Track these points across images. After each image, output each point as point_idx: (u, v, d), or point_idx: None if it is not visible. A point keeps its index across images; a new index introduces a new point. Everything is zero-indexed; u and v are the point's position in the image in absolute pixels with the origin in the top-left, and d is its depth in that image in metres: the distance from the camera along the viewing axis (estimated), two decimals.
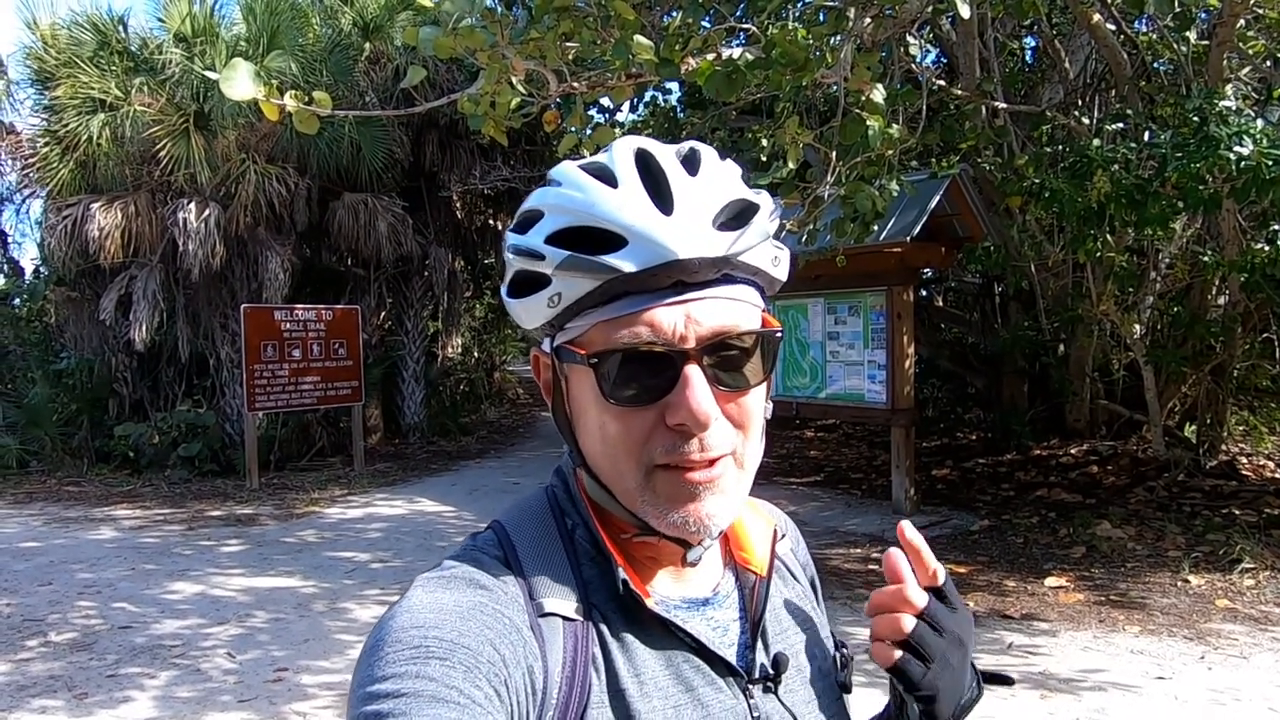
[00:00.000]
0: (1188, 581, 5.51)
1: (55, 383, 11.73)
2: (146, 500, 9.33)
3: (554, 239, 0.70)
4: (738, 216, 0.71)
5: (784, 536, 0.91)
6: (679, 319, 0.68)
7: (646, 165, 0.71)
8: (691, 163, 0.73)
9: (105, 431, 11.18)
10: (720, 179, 0.72)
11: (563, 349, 0.72)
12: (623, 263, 0.67)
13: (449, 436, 13.36)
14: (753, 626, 0.79)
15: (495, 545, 0.75)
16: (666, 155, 0.72)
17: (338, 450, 11.77)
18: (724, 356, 0.70)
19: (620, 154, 0.73)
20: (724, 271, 0.69)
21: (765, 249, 0.72)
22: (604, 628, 0.71)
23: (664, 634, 0.73)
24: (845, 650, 0.87)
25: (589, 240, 0.68)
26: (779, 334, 0.74)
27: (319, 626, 5.18)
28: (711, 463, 0.70)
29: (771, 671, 0.77)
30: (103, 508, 8.92)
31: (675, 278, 0.67)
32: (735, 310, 0.70)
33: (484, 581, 0.69)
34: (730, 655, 0.76)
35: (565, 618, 0.69)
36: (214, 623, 5.27)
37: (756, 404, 0.73)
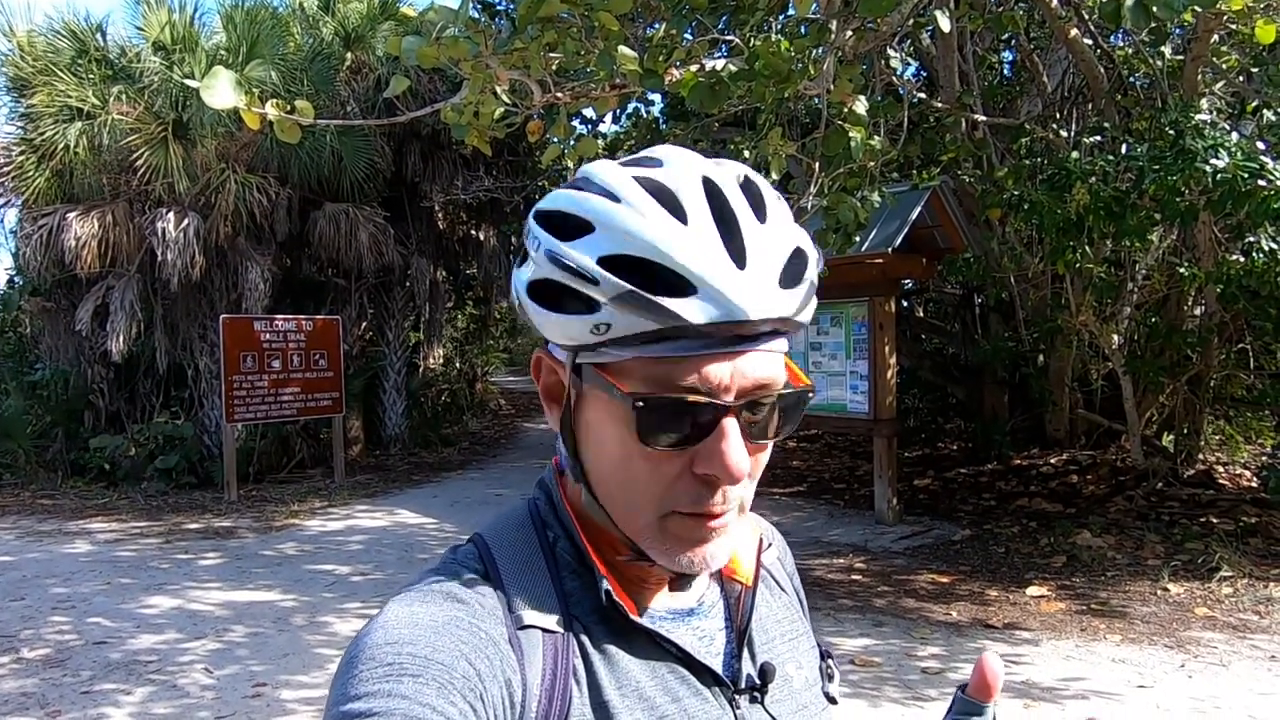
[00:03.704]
0: (1167, 590, 5.55)
1: (30, 394, 11.54)
2: (122, 513, 9.20)
3: (609, 263, 0.64)
4: (797, 272, 0.69)
5: (770, 546, 0.90)
6: (728, 372, 0.66)
7: (717, 202, 0.67)
8: (759, 205, 0.69)
9: (81, 444, 11.01)
10: (785, 225, 0.70)
11: (589, 371, 0.68)
12: (690, 313, 0.63)
13: (430, 448, 13.27)
14: (739, 636, 0.78)
15: (475, 558, 0.73)
16: (733, 190, 0.69)
17: (318, 462, 11.65)
18: (757, 411, 0.69)
19: (686, 181, 0.68)
20: (776, 328, 0.68)
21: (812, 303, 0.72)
22: (586, 640, 0.70)
23: (649, 645, 0.72)
24: (831, 661, 0.86)
25: (648, 274, 0.64)
26: (811, 394, 0.72)
27: (298, 641, 5.11)
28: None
29: (758, 681, 0.76)
30: (78, 521, 8.78)
31: (735, 332, 0.65)
32: (775, 364, 0.69)
33: (461, 595, 0.68)
34: (716, 665, 0.75)
35: (545, 630, 0.68)
36: (191, 637, 5.19)
37: (768, 454, 0.73)
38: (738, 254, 0.65)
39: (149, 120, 10.09)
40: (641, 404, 0.65)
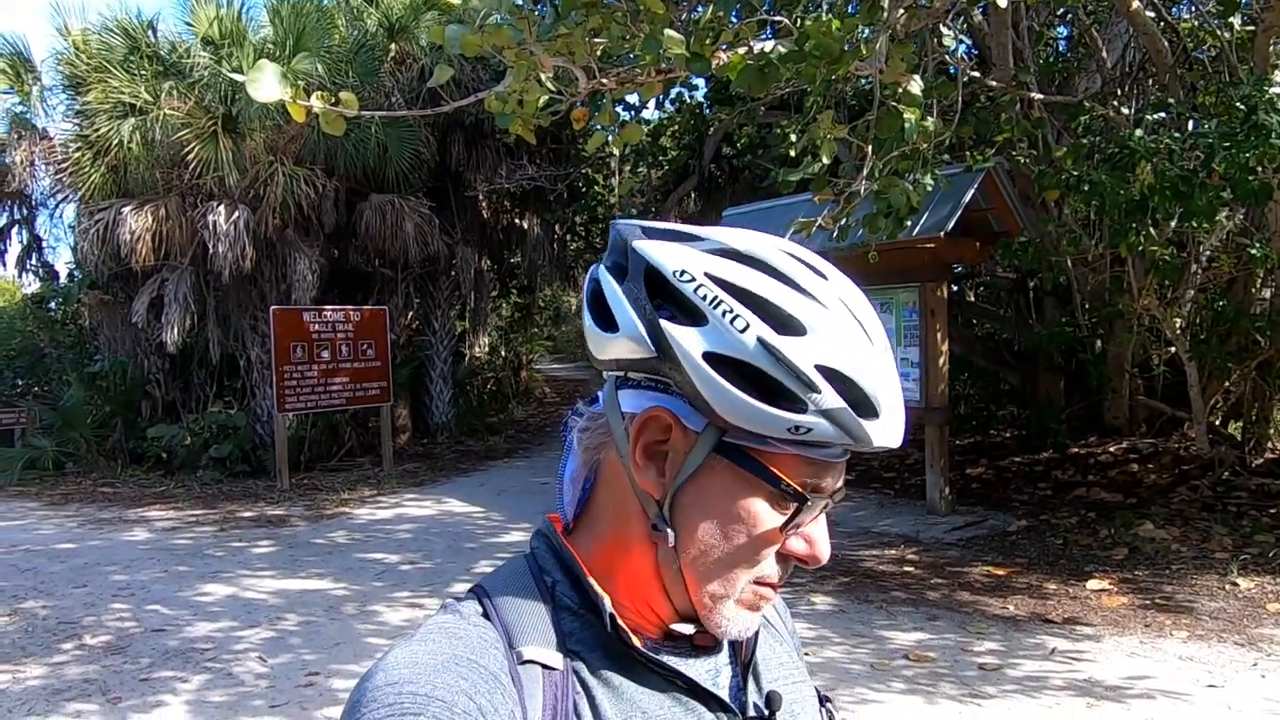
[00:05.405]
0: (1236, 584, 5.35)
1: (89, 385, 11.87)
2: (179, 501, 9.41)
3: (823, 374, 0.66)
4: None
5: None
6: (841, 475, 0.73)
7: (880, 325, 0.71)
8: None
9: (138, 433, 11.31)
10: None
11: (742, 453, 0.69)
12: (876, 437, 0.68)
13: (477, 436, 13.37)
14: (743, 669, 0.79)
15: (475, 601, 0.75)
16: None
17: (367, 450, 11.81)
18: None
19: (858, 297, 0.71)
20: None
21: None
22: (587, 675, 0.70)
23: (653, 678, 0.72)
24: (830, 705, 0.87)
25: (849, 391, 0.66)
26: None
27: (349, 630, 5.16)
28: None
29: (765, 711, 0.77)
30: (136, 509, 9.01)
31: None
32: None
33: (461, 633, 0.69)
34: (723, 695, 0.75)
35: (545, 666, 0.69)
36: (245, 625, 5.27)
37: None
38: (896, 380, 0.69)
39: (199, 115, 10.24)
40: (808, 502, 0.69)
